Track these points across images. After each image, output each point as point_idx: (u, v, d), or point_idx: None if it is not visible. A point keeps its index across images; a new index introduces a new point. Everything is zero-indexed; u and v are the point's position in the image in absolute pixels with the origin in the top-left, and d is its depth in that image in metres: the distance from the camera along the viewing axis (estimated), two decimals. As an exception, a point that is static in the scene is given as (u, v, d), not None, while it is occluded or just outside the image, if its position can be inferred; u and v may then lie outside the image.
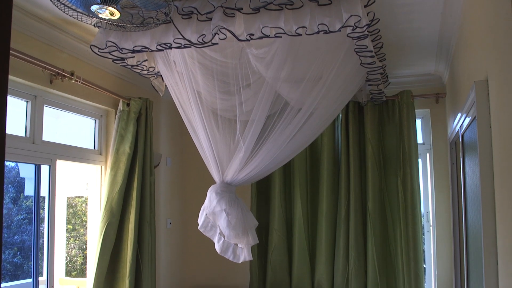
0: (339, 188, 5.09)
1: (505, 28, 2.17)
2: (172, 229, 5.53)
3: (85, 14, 2.92)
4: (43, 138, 3.85)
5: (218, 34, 3.18)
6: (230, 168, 3.71)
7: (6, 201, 5.41)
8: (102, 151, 4.61)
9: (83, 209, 7.33)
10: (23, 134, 3.73)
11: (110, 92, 4.36)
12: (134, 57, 3.79)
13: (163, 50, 3.57)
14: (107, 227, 4.19)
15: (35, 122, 3.78)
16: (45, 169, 3.92)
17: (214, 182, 3.81)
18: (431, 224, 5.28)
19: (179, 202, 5.77)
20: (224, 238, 3.69)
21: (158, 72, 4.06)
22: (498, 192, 2.48)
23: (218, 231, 3.73)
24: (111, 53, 3.57)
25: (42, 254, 3.95)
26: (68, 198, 6.67)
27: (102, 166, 4.60)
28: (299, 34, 3.10)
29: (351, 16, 2.94)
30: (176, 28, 3.25)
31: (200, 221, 3.80)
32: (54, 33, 3.77)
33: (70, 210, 7.29)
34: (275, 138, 3.67)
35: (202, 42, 3.26)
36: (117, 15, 2.90)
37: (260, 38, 3.18)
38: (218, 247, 3.71)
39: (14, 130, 3.67)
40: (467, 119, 3.22)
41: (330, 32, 3.06)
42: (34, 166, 3.88)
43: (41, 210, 3.98)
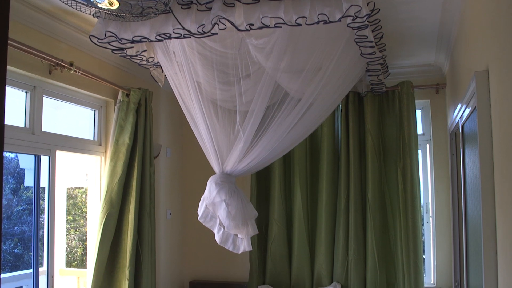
0: (339, 178, 5.09)
1: (506, 18, 2.16)
2: (172, 219, 5.54)
3: (84, 4, 2.91)
4: (43, 129, 3.84)
5: (218, 24, 3.16)
6: (230, 158, 3.70)
7: (6, 192, 5.42)
8: (102, 142, 4.60)
9: (83, 200, 7.34)
10: (23, 125, 3.72)
11: (109, 82, 4.35)
12: (134, 47, 3.78)
13: (163, 40, 3.55)
14: (107, 218, 4.19)
15: (35, 112, 3.77)
16: (44, 160, 3.92)
17: (214, 173, 3.81)
18: (431, 215, 5.28)
19: (179, 192, 5.78)
20: (224, 229, 3.69)
21: (158, 62, 4.05)
22: (498, 182, 2.48)
23: (218, 222, 3.73)
24: (110, 43, 3.56)
25: (42, 245, 3.96)
26: (68, 189, 6.68)
27: (102, 157, 4.59)
28: (299, 24, 3.09)
29: (351, 6, 2.93)
30: (175, 18, 3.23)
31: (200, 211, 3.81)
32: (53, 23, 3.75)
33: (70, 201, 7.30)
34: (275, 128, 3.66)
35: (201, 32, 3.25)
36: (116, 5, 2.88)
37: (260, 28, 3.17)
38: (218, 238, 3.72)
39: (13, 120, 3.66)
40: (467, 110, 3.22)
41: (330, 22, 3.05)
42: (33, 156, 3.88)
43: (41, 201, 3.99)
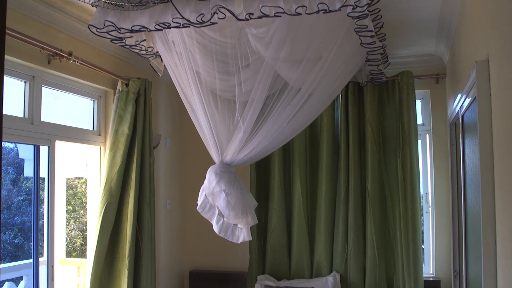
0: (339, 168, 5.09)
1: (507, 7, 2.15)
2: (171, 209, 5.55)
3: (82, -7, 2.89)
4: (42, 119, 3.84)
5: (217, 14, 3.15)
6: (229, 148, 3.70)
7: (6, 182, 5.42)
8: (101, 132, 4.60)
9: (83, 190, 7.35)
10: (22, 115, 3.72)
11: (108, 72, 4.34)
12: (133, 37, 3.76)
13: (162, 30, 3.54)
14: (107, 208, 4.20)
15: (34, 102, 3.76)
16: (44, 150, 3.92)
17: (213, 163, 3.81)
18: (430, 205, 5.29)
19: (179, 182, 5.78)
20: (223, 219, 3.69)
21: (157, 52, 4.03)
22: (498, 172, 2.48)
23: (216, 213, 3.73)
24: (109, 33, 3.54)
25: (42, 235, 3.97)
26: (67, 179, 6.69)
27: (101, 147, 4.59)
28: (299, 14, 3.07)
29: (352, -5, 2.91)
30: (174, 7, 3.22)
31: (199, 201, 3.81)
32: (52, 13, 3.74)
33: (70, 191, 7.31)
34: (275, 118, 3.66)
35: (201, 21, 3.24)
36: (115, -6, 2.87)
37: (259, 17, 3.15)
38: (216, 228, 3.72)
39: (12, 110, 3.66)
40: (467, 100, 3.21)
41: (330, 11, 3.03)
42: (33, 147, 3.88)
43: (40, 191, 3.99)
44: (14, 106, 3.72)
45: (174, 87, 3.98)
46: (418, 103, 5.32)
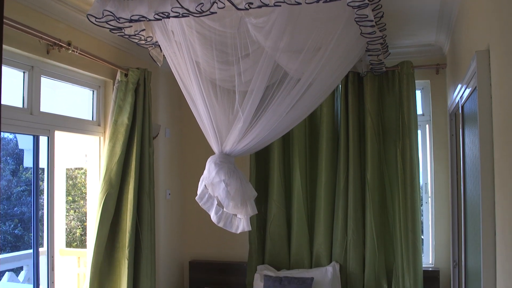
0: (338, 159, 5.09)
1: (508, -4, 2.14)
2: (171, 200, 5.55)
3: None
4: (41, 109, 3.83)
5: (217, 3, 3.13)
6: (229, 138, 3.69)
7: (6, 173, 5.42)
8: (101, 122, 4.59)
9: (83, 181, 7.35)
10: (21, 105, 3.71)
11: (107, 62, 4.32)
12: (132, 26, 3.74)
13: (161, 20, 3.52)
14: (106, 198, 4.20)
15: (33, 93, 3.75)
16: (43, 140, 3.91)
17: (213, 153, 3.80)
18: (430, 195, 5.30)
19: (178, 173, 5.78)
20: (223, 209, 3.69)
21: (156, 42, 4.02)
22: (498, 162, 2.48)
23: (214, 204, 3.73)
24: (108, 22, 3.53)
25: (42, 225, 3.97)
26: (67, 170, 6.69)
27: (101, 137, 4.59)
28: (299, 3, 3.05)
29: (352, -16, 2.89)
30: (174, -4, 3.20)
31: (199, 191, 3.80)
32: (50, 2, 3.71)
33: (70, 182, 7.31)
34: (274, 108, 3.64)
35: (200, 11, 3.22)
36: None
37: (259, 7, 3.13)
38: (215, 218, 3.71)
39: (11, 101, 3.65)
40: (467, 90, 3.21)
41: (330, 0, 3.02)
42: (32, 137, 3.87)
43: (40, 182, 3.99)
44: (13, 96, 3.71)
45: (174, 77, 3.96)
46: (418, 93, 5.31)
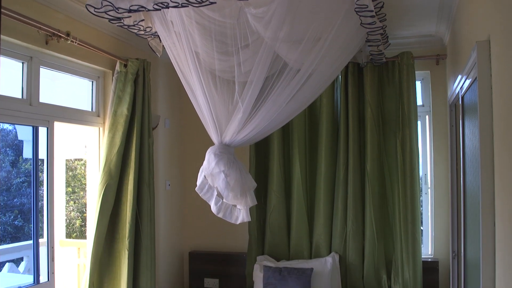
0: (338, 149, 5.09)
1: (509, -14, 2.13)
2: (171, 190, 5.56)
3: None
4: (40, 100, 3.82)
5: (216, -7, 3.12)
6: (228, 129, 3.68)
7: (5, 164, 5.42)
8: (100, 113, 4.58)
9: (83, 172, 7.36)
10: (20, 96, 3.70)
11: (107, 53, 4.31)
12: (131, 16, 3.72)
13: (160, 10, 3.51)
14: (106, 189, 4.20)
15: (32, 83, 3.74)
16: (43, 131, 3.91)
17: (212, 144, 3.80)
18: (429, 186, 5.30)
19: (178, 163, 5.78)
20: (222, 200, 3.69)
21: (156, 32, 4.00)
22: (498, 153, 2.48)
23: (215, 194, 3.72)
24: (107, 12, 3.51)
25: (42, 216, 3.98)
26: (67, 161, 6.69)
27: (100, 128, 4.58)
28: (299, -7, 3.04)
29: (352, -26, 2.88)
30: (173, -14, 3.18)
31: (198, 182, 3.80)
32: (49, -8, 3.70)
33: (70, 173, 7.32)
34: (274, 99, 3.63)
35: (199, 1, 3.20)
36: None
37: (258, -3, 3.12)
38: (215, 208, 3.72)
39: (10, 91, 3.63)
40: (468, 81, 3.20)
41: (330, -10, 3.01)
42: (31, 128, 3.86)
43: (40, 173, 3.99)
44: (12, 87, 3.70)
45: (173, 68, 3.94)
46: (418, 84, 5.30)
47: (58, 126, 4.06)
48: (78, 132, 5.32)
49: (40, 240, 3.95)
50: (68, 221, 6.93)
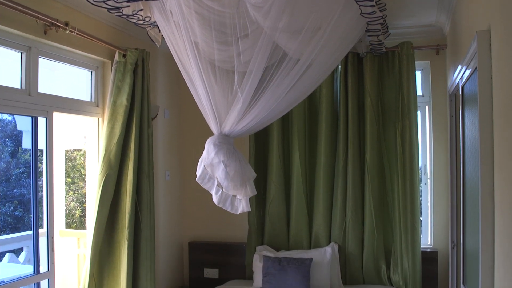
0: (338, 140, 5.09)
1: (510, -25, 2.12)
2: (170, 181, 5.56)
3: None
4: (39, 90, 3.81)
5: (215, -18, 3.10)
6: (228, 119, 3.67)
7: (4, 154, 5.42)
8: (99, 103, 4.57)
9: (82, 162, 7.34)
10: (19, 86, 3.69)
11: (106, 43, 4.29)
12: (130, 6, 3.70)
13: (159, -1, 3.49)
14: (106, 179, 4.20)
15: (31, 73, 3.73)
16: (42, 121, 3.90)
17: (212, 134, 3.79)
18: (429, 176, 5.30)
19: (177, 154, 5.78)
20: (222, 190, 3.69)
21: (155, 22, 3.99)
22: (497, 144, 2.48)
23: (215, 183, 3.73)
24: (106, 2, 3.49)
25: (42, 207, 3.98)
26: (66, 151, 6.68)
27: (100, 118, 4.57)
28: (298, -17, 3.02)
29: (352, -37, 2.86)
30: (172, -24, 3.17)
31: (198, 172, 3.80)
32: (47, -19, 3.68)
33: (69, 163, 7.30)
34: (273, 89, 3.62)
35: (198, -10, 3.19)
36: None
37: (258, -14, 3.10)
38: (216, 199, 3.72)
39: (9, 82, 3.63)
40: (468, 71, 3.19)
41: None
42: (30, 118, 3.86)
43: (39, 163, 3.99)
44: (11, 77, 3.69)
45: (172, 58, 3.93)
46: (418, 74, 5.28)
47: (57, 116, 4.05)
48: (77, 122, 5.31)
49: (40, 230, 3.96)
50: (67, 211, 6.93)
